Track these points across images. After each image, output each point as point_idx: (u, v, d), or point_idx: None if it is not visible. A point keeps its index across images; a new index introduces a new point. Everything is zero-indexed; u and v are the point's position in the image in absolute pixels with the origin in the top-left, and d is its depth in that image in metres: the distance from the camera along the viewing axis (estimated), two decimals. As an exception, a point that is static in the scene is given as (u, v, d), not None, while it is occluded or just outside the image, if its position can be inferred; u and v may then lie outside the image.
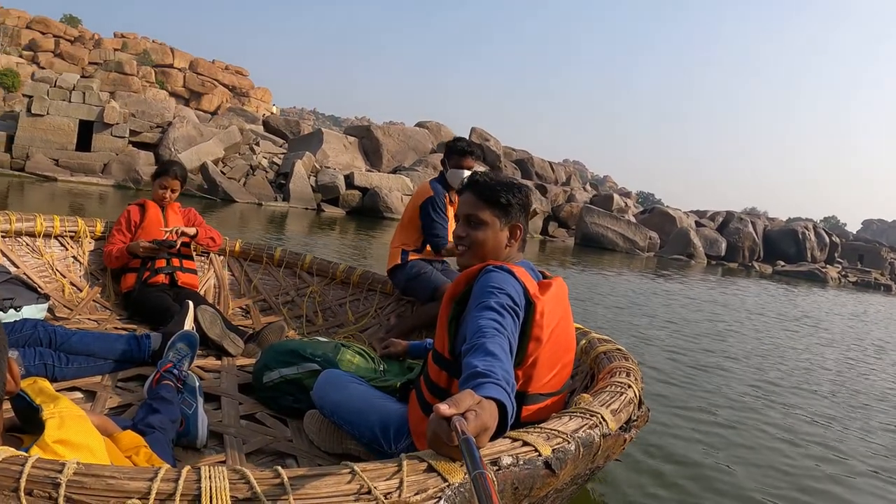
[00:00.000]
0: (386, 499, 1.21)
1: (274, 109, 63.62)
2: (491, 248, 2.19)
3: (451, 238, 3.91)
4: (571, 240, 28.58)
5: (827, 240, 35.04)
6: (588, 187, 40.28)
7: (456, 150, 4.04)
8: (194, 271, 4.16)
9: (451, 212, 4.00)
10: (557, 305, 2.10)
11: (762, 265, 30.96)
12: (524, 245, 2.28)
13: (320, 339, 3.12)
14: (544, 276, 2.23)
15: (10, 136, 21.48)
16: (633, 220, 30.21)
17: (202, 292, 4.25)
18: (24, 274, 3.77)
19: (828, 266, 31.38)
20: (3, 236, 3.86)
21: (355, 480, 1.23)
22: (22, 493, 1.07)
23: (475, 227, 2.20)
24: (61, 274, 4.02)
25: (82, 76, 31.34)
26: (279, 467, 1.24)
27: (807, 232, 34.49)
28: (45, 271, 3.97)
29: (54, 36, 59.48)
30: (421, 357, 2.93)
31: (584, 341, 2.78)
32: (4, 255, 3.81)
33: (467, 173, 3.92)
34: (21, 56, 54.10)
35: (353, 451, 2.43)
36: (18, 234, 3.94)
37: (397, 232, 4.15)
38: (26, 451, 1.18)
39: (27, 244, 3.99)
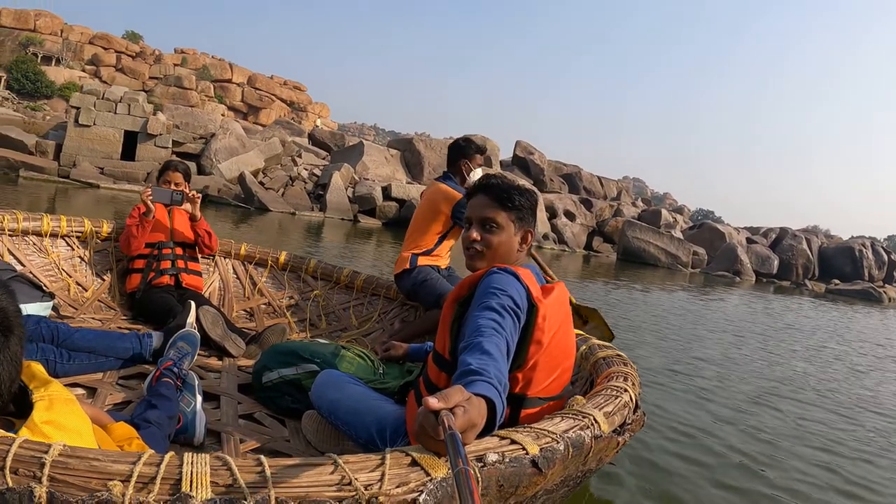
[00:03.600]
0: (366, 490, 1.21)
1: (319, 123, 64.48)
2: (504, 253, 2.16)
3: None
4: (616, 255, 28.08)
5: (885, 258, 33.56)
6: (639, 202, 39.56)
7: (478, 150, 4.05)
8: (199, 273, 4.17)
9: None
10: (559, 310, 2.09)
11: (815, 284, 29.84)
12: (530, 249, 2.27)
13: (321, 340, 3.13)
14: (547, 281, 2.20)
15: (58, 144, 22.56)
16: (678, 235, 29.49)
17: (206, 294, 4.27)
18: (30, 272, 3.80)
19: (886, 285, 30.10)
20: (10, 235, 3.89)
21: (337, 472, 1.23)
22: (7, 472, 1.09)
23: (490, 231, 2.16)
24: (67, 273, 4.04)
25: (143, 90, 32.23)
26: (262, 456, 1.24)
27: (864, 250, 33.11)
28: (51, 270, 4.00)
29: (116, 51, 61.73)
30: (421, 360, 2.93)
31: (584, 347, 2.77)
32: (11, 253, 3.85)
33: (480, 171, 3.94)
34: (84, 70, 56.13)
35: (350, 451, 2.37)
36: (25, 232, 3.98)
37: (410, 235, 4.06)
38: (16, 432, 1.20)
39: (34, 243, 4.02)
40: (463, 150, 4.02)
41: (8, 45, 55.11)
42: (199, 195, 4.14)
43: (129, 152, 23.01)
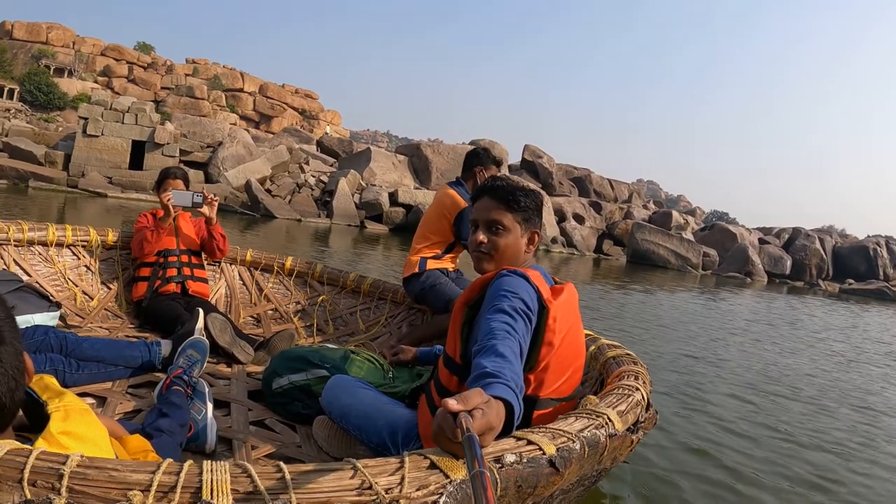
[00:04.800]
0: (387, 494, 1.21)
1: (329, 130, 64.70)
2: (511, 255, 2.17)
3: None
4: (625, 257, 27.91)
5: (901, 256, 33.18)
6: (651, 205, 39.25)
7: (494, 161, 4.09)
8: (205, 280, 4.16)
9: None
10: (569, 311, 2.09)
11: (829, 284, 29.49)
12: (537, 250, 2.27)
13: (329, 345, 3.13)
14: (556, 282, 2.20)
15: (67, 155, 22.97)
16: (688, 236, 29.26)
17: (213, 301, 4.26)
18: (36, 282, 3.80)
19: (902, 283, 29.69)
20: (15, 245, 3.90)
21: (357, 476, 1.23)
22: (26, 484, 1.09)
23: (497, 233, 2.17)
24: (73, 283, 4.05)
25: (155, 101, 32.37)
26: (281, 462, 1.24)
27: (878, 248, 32.61)
28: (57, 280, 4.01)
29: (128, 62, 62.37)
30: (430, 364, 2.93)
31: (593, 347, 2.78)
32: (17, 263, 3.86)
33: None
34: (96, 82, 56.65)
35: (361, 456, 2.39)
36: (31, 243, 3.99)
37: (418, 239, 4.07)
38: (32, 444, 1.20)
39: (40, 253, 4.03)
40: (480, 158, 4.06)
41: (21, 57, 55.84)
42: (217, 198, 4.13)
43: (136, 162, 23.30)
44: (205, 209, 4.05)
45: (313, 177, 25.47)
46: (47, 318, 3.28)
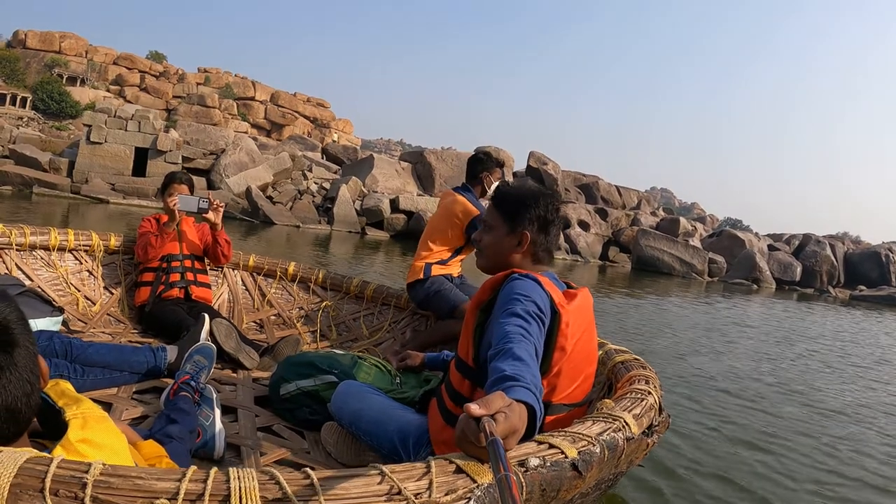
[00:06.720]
0: (416, 499, 1.20)
1: (336, 138, 64.80)
2: (495, 252, 2.25)
3: None
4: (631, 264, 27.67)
5: (914, 262, 32.71)
6: (660, 212, 38.94)
7: (498, 164, 4.13)
8: (208, 285, 4.15)
9: None
10: (582, 316, 2.10)
11: (840, 290, 29.12)
12: (549, 256, 2.26)
13: (337, 351, 3.12)
14: (569, 287, 2.22)
15: (72, 162, 23.18)
16: (695, 243, 28.98)
17: (216, 306, 4.24)
18: (39, 287, 3.79)
19: (913, 290, 29.26)
20: (17, 249, 3.88)
21: (385, 482, 1.23)
22: (48, 494, 1.06)
23: (486, 231, 2.28)
24: (75, 287, 4.03)
25: (167, 109, 32.57)
26: (309, 469, 1.23)
27: (891, 254, 32.18)
28: (60, 285, 3.99)
29: (140, 71, 62.80)
30: (437, 369, 2.95)
31: (600, 352, 2.77)
32: (19, 268, 3.85)
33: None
34: (108, 90, 57.12)
35: (371, 462, 2.36)
36: (33, 247, 3.97)
37: (424, 245, 4.05)
38: (49, 452, 1.17)
39: (42, 258, 4.01)
40: (483, 164, 4.07)
41: (34, 66, 56.43)
42: (222, 203, 4.11)
43: (139, 168, 23.47)
44: (210, 214, 4.02)
45: (316, 184, 25.53)
46: (50, 324, 3.27)
